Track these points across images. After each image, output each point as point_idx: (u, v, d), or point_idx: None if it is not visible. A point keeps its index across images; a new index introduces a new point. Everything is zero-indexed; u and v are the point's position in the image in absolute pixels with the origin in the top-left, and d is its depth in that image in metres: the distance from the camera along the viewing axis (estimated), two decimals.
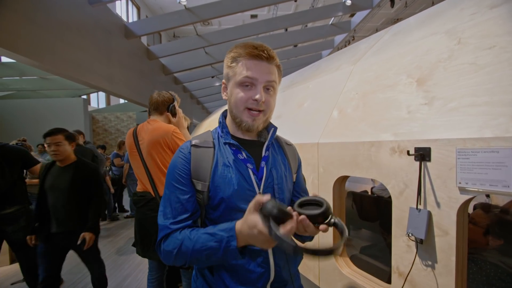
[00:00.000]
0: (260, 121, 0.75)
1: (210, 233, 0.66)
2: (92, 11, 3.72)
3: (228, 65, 0.75)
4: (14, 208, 2.19)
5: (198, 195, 0.73)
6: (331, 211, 0.62)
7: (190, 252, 0.65)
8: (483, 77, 0.77)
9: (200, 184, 0.72)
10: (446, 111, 0.81)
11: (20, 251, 2.28)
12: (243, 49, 0.72)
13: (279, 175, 0.79)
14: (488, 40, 0.82)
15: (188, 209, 0.72)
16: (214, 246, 0.63)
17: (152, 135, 1.64)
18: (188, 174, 0.73)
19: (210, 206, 0.73)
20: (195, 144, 0.76)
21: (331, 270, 1.23)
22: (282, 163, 0.82)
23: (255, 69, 0.71)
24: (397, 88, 1.02)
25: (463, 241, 0.77)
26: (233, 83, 0.74)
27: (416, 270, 0.85)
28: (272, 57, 0.73)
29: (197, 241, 0.65)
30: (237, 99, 0.73)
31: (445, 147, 0.76)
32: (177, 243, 0.67)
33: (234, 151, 0.76)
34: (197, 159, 0.73)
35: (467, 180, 0.71)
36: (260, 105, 0.72)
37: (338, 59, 1.71)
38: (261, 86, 0.71)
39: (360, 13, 6.17)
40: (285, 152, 0.87)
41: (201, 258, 0.66)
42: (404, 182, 0.88)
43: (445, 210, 0.77)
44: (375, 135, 1.00)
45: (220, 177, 0.72)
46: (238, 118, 0.74)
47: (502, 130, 0.66)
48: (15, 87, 6.31)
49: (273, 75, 0.73)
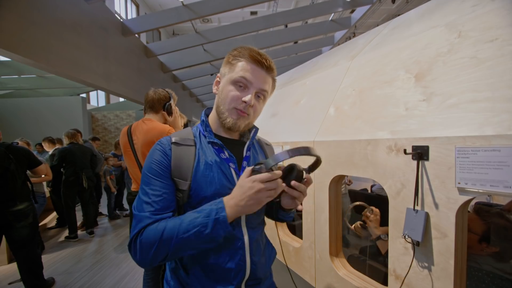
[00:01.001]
0: (243, 122, 0.74)
1: (197, 210, 0.65)
2: (88, 8, 3.67)
3: (228, 61, 0.75)
4: (24, 205, 2.28)
5: (178, 194, 0.71)
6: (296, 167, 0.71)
7: (176, 235, 0.61)
8: (484, 72, 0.73)
9: (181, 182, 0.71)
10: (445, 108, 0.77)
11: (21, 250, 2.29)
12: (248, 51, 0.73)
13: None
14: (490, 33, 0.78)
15: (167, 200, 0.69)
16: (202, 222, 0.62)
17: (147, 136, 1.60)
18: (168, 170, 0.71)
19: (190, 205, 0.72)
20: (176, 142, 0.74)
21: (327, 271, 1.20)
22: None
23: (252, 73, 0.72)
24: (395, 84, 0.98)
25: (462, 244, 0.74)
26: (227, 79, 0.74)
27: (413, 273, 0.82)
28: (272, 68, 0.75)
29: (184, 221, 0.63)
30: (228, 96, 0.72)
31: (444, 146, 0.73)
32: (159, 230, 0.62)
33: (217, 150, 0.75)
34: (178, 157, 0.71)
35: (466, 180, 0.67)
36: (247, 108, 0.72)
37: (336, 55, 1.66)
38: (253, 91, 0.72)
39: (361, 9, 6.09)
40: (265, 152, 0.88)
41: (188, 239, 0.61)
42: (401, 182, 0.85)
43: (443, 211, 0.74)
44: (371, 133, 0.96)
45: (202, 176, 0.71)
46: (224, 114, 0.74)
47: (504, 127, 0.62)
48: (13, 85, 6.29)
49: (267, 84, 0.75)
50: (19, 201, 2.25)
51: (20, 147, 2.42)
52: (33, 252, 2.37)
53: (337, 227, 1.20)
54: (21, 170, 2.29)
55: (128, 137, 1.69)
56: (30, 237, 2.34)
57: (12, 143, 2.47)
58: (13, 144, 2.37)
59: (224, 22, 11.14)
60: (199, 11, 4.61)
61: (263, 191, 0.62)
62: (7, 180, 2.15)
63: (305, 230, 1.34)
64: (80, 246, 3.55)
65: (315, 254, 1.27)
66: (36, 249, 2.43)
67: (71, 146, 3.67)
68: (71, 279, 2.70)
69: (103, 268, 2.90)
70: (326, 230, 1.20)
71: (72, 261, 3.12)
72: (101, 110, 9.41)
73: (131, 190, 1.83)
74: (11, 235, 2.25)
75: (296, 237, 1.56)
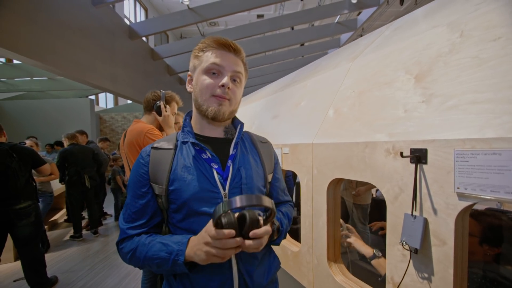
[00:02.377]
0: (226, 109, 0.72)
1: (164, 243, 0.65)
2: (96, 13, 3.75)
3: (195, 55, 0.74)
4: (27, 203, 2.32)
5: (158, 199, 0.72)
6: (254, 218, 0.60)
7: (143, 258, 0.67)
8: (486, 72, 0.70)
9: (157, 187, 0.70)
10: (444, 109, 0.74)
11: (24, 247, 2.33)
12: (211, 40, 0.72)
13: (248, 175, 0.74)
14: (493, 31, 0.75)
15: (146, 213, 0.71)
16: (164, 257, 0.64)
17: (128, 137, 1.61)
18: (146, 178, 0.71)
19: (172, 210, 0.71)
20: (156, 147, 0.74)
21: (324, 277, 1.17)
22: (254, 162, 0.79)
23: (222, 58, 0.71)
24: (394, 85, 0.96)
25: (462, 252, 0.70)
26: (199, 70, 0.72)
27: (412, 282, 0.79)
28: (239, 50, 0.74)
29: (150, 249, 0.66)
30: (203, 85, 0.70)
31: (442, 149, 0.70)
32: (132, 248, 0.69)
33: (198, 150, 0.73)
34: (156, 162, 0.71)
35: (466, 185, 0.64)
36: (226, 92, 0.70)
37: (338, 56, 1.64)
38: (228, 75, 0.71)
39: (367, 11, 6.04)
40: (258, 150, 0.83)
41: (152, 265, 0.66)
42: (399, 186, 0.82)
43: (442, 217, 0.70)
44: (369, 136, 0.93)
45: (180, 179, 0.69)
46: (204, 106, 0.71)
47: (505, 130, 0.59)
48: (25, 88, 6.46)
49: (239, 66, 0.74)
50: (22, 200, 2.29)
51: (25, 146, 2.47)
52: (36, 250, 2.41)
53: (335, 231, 1.17)
54: (24, 168, 2.33)
55: (122, 140, 1.71)
56: (33, 235, 2.37)
57: (20, 143, 2.54)
58: (20, 144, 2.43)
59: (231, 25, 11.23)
60: (205, 14, 4.65)
61: (210, 246, 0.58)
62: (8, 178, 2.19)
63: (303, 234, 1.32)
64: (84, 246, 3.59)
65: (313, 259, 1.24)
66: (40, 248, 2.47)
67: (71, 147, 3.77)
68: (74, 277, 2.73)
69: (105, 268, 2.92)
70: (324, 234, 1.17)
71: (75, 260, 3.15)
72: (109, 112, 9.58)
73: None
74: (14, 233, 2.30)
75: (294, 241, 1.53)
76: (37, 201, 2.48)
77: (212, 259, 0.59)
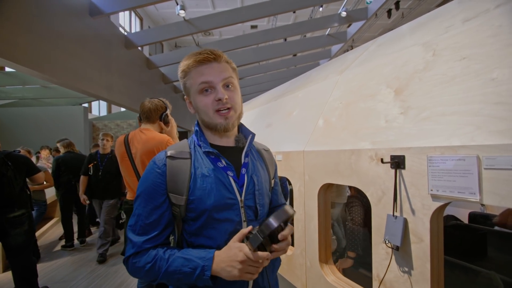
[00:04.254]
0: (232, 118, 0.74)
1: (187, 258, 0.66)
2: (93, 23, 3.82)
3: (182, 79, 0.76)
4: (21, 212, 2.31)
5: (175, 209, 0.71)
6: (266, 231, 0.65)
7: (163, 272, 0.66)
8: (453, 88, 0.80)
9: (177, 197, 0.70)
10: (419, 120, 0.83)
11: (16, 257, 2.30)
12: (189, 59, 0.73)
13: (259, 181, 0.79)
14: (460, 52, 0.85)
15: (160, 224, 0.70)
16: (187, 272, 0.65)
17: (146, 145, 1.66)
18: (163, 188, 0.71)
19: (189, 218, 0.72)
20: (171, 156, 0.73)
21: (317, 278, 1.23)
22: (261, 169, 0.83)
23: (207, 73, 0.71)
24: (377, 98, 1.05)
25: (438, 248, 0.78)
26: (193, 93, 0.74)
27: (395, 277, 0.86)
28: (218, 55, 0.74)
29: (172, 264, 0.66)
30: (203, 106, 0.72)
31: (417, 155, 0.78)
32: (149, 261, 0.67)
33: (213, 159, 0.74)
34: (174, 172, 0.71)
35: (438, 187, 0.73)
36: (226, 102, 0.71)
37: (327, 69, 1.75)
38: (219, 86, 0.71)
39: (356, 24, 6.29)
40: (263, 158, 0.87)
41: (171, 280, 0.67)
42: (382, 190, 0.90)
43: (419, 217, 0.78)
44: (355, 144, 1.02)
45: (200, 189, 0.70)
46: (212, 124, 0.73)
47: (468, 138, 0.68)
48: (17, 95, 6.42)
49: (226, 72, 0.73)
50: (16, 208, 2.27)
51: (19, 154, 2.47)
52: (28, 259, 2.38)
53: (326, 234, 1.24)
54: (19, 177, 2.33)
55: (125, 147, 1.75)
56: (26, 244, 2.35)
57: (14, 151, 2.53)
58: (12, 153, 2.43)
59: (225, 35, 11.45)
60: (200, 26, 4.78)
61: (245, 264, 0.63)
62: (3, 186, 2.19)
63: (297, 238, 1.38)
64: (76, 255, 3.53)
65: (306, 261, 1.30)
66: (31, 257, 2.44)
67: (66, 154, 3.76)
68: (67, 287, 2.69)
69: (98, 277, 2.89)
70: (315, 237, 1.24)
71: (68, 269, 3.10)
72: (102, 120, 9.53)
73: (127, 199, 1.87)
74: (7, 242, 2.26)
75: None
76: (32, 209, 2.46)
77: (246, 276, 0.64)
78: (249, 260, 0.63)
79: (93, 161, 3.44)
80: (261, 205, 0.79)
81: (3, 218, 2.21)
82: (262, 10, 4.86)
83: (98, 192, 3.41)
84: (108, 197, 3.38)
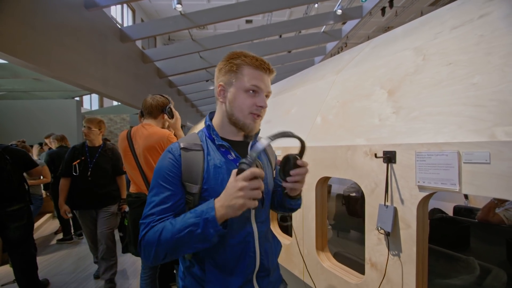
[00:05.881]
0: (259, 123, 0.83)
1: (190, 211, 0.69)
2: (88, 15, 3.78)
3: (232, 69, 0.79)
4: (19, 206, 2.32)
5: (188, 197, 0.76)
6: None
7: (170, 236, 0.66)
8: (440, 91, 0.89)
9: (191, 186, 0.75)
10: (409, 119, 0.93)
11: (15, 250, 2.32)
12: (249, 59, 0.79)
13: (264, 172, 0.85)
14: (447, 58, 0.94)
15: (173, 211, 0.74)
16: (194, 222, 0.65)
17: (148, 140, 1.71)
18: (178, 176, 0.75)
19: None
20: (185, 147, 0.78)
21: (314, 264, 1.33)
22: (266, 161, 0.92)
23: (260, 80, 0.79)
24: (371, 98, 1.14)
25: (423, 233, 0.88)
26: (237, 88, 0.79)
27: (385, 260, 0.96)
28: (272, 71, 0.83)
29: (178, 222, 0.68)
30: (244, 105, 0.78)
31: (407, 151, 0.88)
32: (156, 232, 0.68)
33: (224, 152, 0.80)
34: (188, 163, 0.76)
35: (424, 179, 0.82)
36: (263, 111, 0.81)
37: (324, 68, 1.83)
38: (264, 95, 0.80)
39: (351, 21, 6.38)
40: (266, 151, 0.96)
41: (182, 239, 0.66)
42: (375, 182, 0.99)
43: (407, 206, 0.88)
44: (351, 140, 1.11)
45: (213, 178, 0.76)
46: (241, 122, 0.79)
47: (450, 136, 0.77)
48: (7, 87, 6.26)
49: (270, 86, 0.83)
50: (15, 202, 2.29)
51: (17, 148, 2.48)
52: (28, 252, 2.41)
53: (322, 223, 1.33)
54: (17, 171, 2.34)
55: (128, 142, 1.79)
56: (25, 238, 2.37)
57: (10, 144, 2.53)
58: (9, 147, 2.43)
59: (220, 29, 11.37)
60: (197, 20, 4.77)
61: (246, 189, 0.63)
62: (2, 180, 2.20)
63: (295, 227, 1.47)
64: (74, 248, 3.56)
65: (304, 249, 1.40)
66: (31, 250, 2.47)
67: (60, 149, 3.73)
68: (66, 280, 2.73)
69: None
70: (313, 226, 1.33)
71: (66, 262, 3.14)
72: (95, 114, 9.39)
73: (130, 192, 1.92)
74: (6, 236, 2.29)
75: (286, 235, 1.68)
76: (30, 203, 2.48)
77: (250, 203, 0.64)
78: (248, 183, 0.63)
79: (79, 156, 2.47)
80: (266, 193, 0.87)
81: (2, 212, 2.22)
82: (259, 6, 4.88)
83: (88, 199, 2.43)
84: (104, 204, 2.49)
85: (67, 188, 2.46)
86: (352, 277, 1.12)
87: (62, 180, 2.48)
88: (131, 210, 1.81)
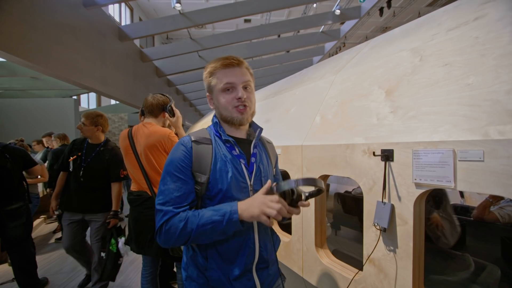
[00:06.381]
0: (248, 114, 0.88)
1: (215, 209, 0.77)
2: (87, 14, 3.77)
3: (208, 79, 0.90)
4: (19, 204, 2.32)
5: (197, 186, 0.83)
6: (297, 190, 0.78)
7: (195, 227, 0.75)
8: (436, 91, 0.91)
9: (201, 176, 0.82)
10: (406, 119, 0.95)
11: (15, 249, 2.33)
12: (217, 62, 0.87)
13: (265, 169, 0.93)
14: (443, 59, 0.97)
15: (188, 198, 0.81)
16: (218, 220, 0.74)
17: (149, 139, 1.72)
18: (189, 166, 0.83)
19: (208, 196, 0.84)
20: (196, 140, 0.86)
21: (313, 261, 1.35)
22: (266, 159, 0.96)
23: (232, 75, 0.85)
24: (370, 98, 1.16)
25: (419, 229, 0.90)
26: (217, 92, 0.88)
27: (382, 255, 0.98)
28: (241, 62, 0.88)
29: (203, 216, 0.76)
30: (224, 102, 0.86)
31: (404, 149, 0.90)
32: (183, 219, 0.76)
33: (229, 147, 0.88)
34: (199, 154, 0.84)
35: (421, 176, 0.85)
36: (244, 100, 0.85)
37: (323, 68, 1.85)
38: (240, 87, 0.86)
39: (350, 21, 6.42)
40: (267, 149, 1.01)
41: (205, 231, 0.75)
42: (373, 180, 1.01)
43: (404, 202, 0.90)
44: (349, 139, 1.13)
45: (219, 170, 0.83)
46: (229, 117, 0.87)
47: (446, 135, 0.80)
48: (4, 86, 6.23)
49: (246, 76, 0.88)
50: (14, 201, 2.29)
51: (17, 147, 2.48)
52: (27, 251, 2.42)
53: (321, 221, 1.36)
54: (17, 169, 2.35)
55: (129, 140, 1.80)
56: (24, 236, 2.38)
57: (9, 143, 2.53)
58: (9, 145, 2.43)
59: (218, 28, 11.36)
60: (196, 20, 4.78)
61: (265, 206, 0.72)
62: (3, 179, 2.21)
63: (294, 225, 1.49)
64: None
65: (303, 246, 1.42)
66: (30, 248, 2.47)
67: (64, 147, 3.73)
68: (65, 278, 2.74)
69: None
70: (312, 224, 1.36)
71: (65, 261, 3.14)
72: None
73: (131, 190, 1.93)
74: (5, 234, 2.29)
75: (285, 233, 1.71)
76: (29, 202, 2.48)
77: (262, 218, 0.72)
78: (269, 202, 0.72)
79: (76, 152, 2.24)
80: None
81: (2, 211, 2.23)
82: (258, 5, 4.90)
83: (76, 200, 2.18)
84: (93, 210, 2.21)
85: (63, 182, 2.31)
86: (350, 273, 1.14)
87: (60, 174, 2.35)
88: (132, 208, 1.82)
